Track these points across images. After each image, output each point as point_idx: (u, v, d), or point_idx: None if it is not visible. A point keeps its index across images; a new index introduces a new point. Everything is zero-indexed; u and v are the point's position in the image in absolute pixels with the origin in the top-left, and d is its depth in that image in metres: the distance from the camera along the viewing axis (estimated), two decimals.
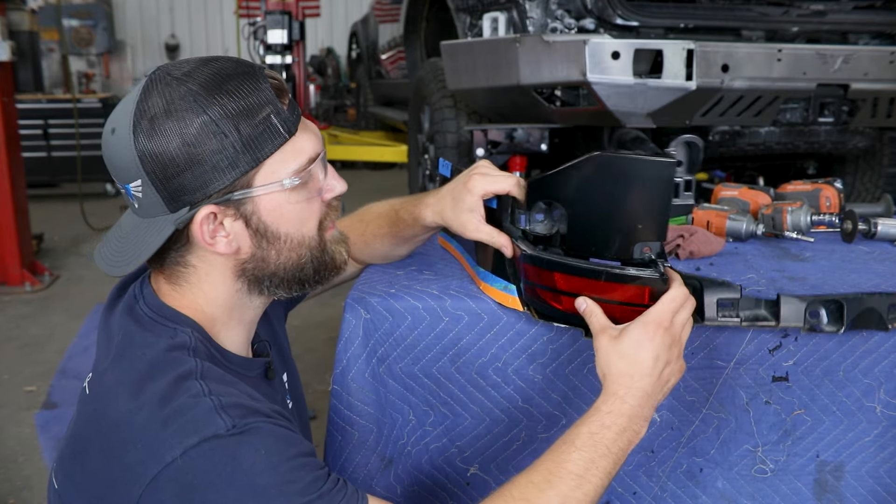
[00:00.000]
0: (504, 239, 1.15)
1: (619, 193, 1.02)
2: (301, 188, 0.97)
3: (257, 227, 0.97)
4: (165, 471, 0.83)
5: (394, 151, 6.53)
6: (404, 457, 1.26)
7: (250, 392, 0.94)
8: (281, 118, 0.94)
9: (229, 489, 0.83)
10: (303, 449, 0.89)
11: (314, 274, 1.04)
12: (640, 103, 2.57)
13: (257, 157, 0.93)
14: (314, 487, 0.86)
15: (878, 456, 1.26)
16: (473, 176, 1.17)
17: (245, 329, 1.07)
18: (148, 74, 0.94)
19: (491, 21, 2.96)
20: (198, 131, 0.90)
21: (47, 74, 9.00)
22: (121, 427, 0.87)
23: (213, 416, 0.85)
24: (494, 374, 1.22)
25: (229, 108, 0.91)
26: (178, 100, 0.90)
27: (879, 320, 1.16)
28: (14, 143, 4.83)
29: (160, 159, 0.90)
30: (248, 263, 0.99)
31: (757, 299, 1.17)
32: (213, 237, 0.95)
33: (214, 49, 12.10)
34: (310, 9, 5.95)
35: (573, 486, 0.92)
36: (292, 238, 0.99)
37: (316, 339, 3.84)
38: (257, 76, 0.94)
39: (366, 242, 1.34)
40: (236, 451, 0.84)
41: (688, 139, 1.09)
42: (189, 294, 1.00)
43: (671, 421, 1.24)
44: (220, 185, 0.92)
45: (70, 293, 4.80)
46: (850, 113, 2.86)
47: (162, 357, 0.92)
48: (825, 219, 1.67)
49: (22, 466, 2.74)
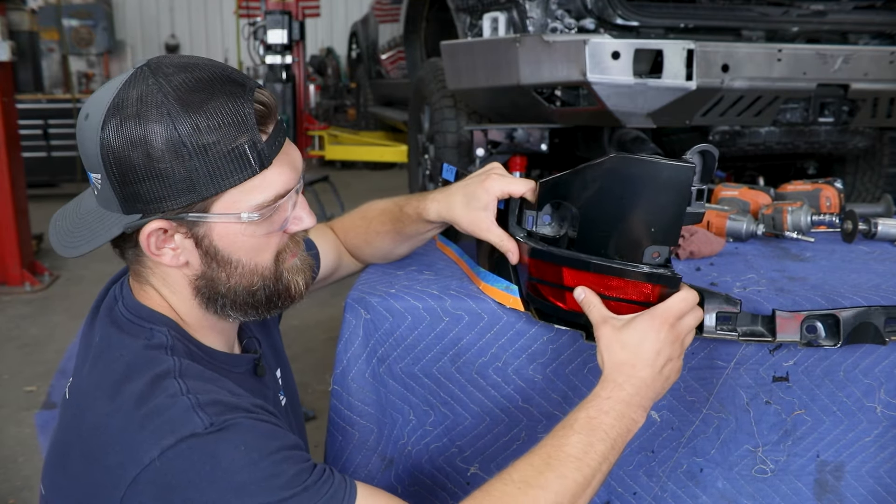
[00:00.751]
0: (511, 244, 1.14)
1: (635, 196, 1.01)
2: (262, 222, 0.94)
3: (207, 249, 0.94)
4: (144, 472, 0.82)
5: (394, 151, 6.55)
6: (405, 457, 1.26)
7: (231, 388, 0.93)
8: (256, 150, 0.89)
9: (210, 488, 0.82)
10: (286, 442, 0.88)
11: (266, 301, 1.00)
12: (641, 103, 2.57)
13: (219, 186, 0.89)
14: (298, 481, 0.85)
15: (879, 456, 1.26)
16: (492, 175, 1.16)
17: (222, 333, 1.05)
18: (137, 66, 0.92)
19: (491, 21, 2.96)
20: (164, 147, 0.86)
21: (47, 74, 9.00)
22: (100, 430, 0.87)
23: (191, 415, 0.84)
24: (495, 374, 1.22)
25: (202, 127, 0.86)
26: (153, 107, 0.86)
27: (876, 334, 1.16)
28: (14, 143, 4.83)
29: (121, 163, 0.88)
30: (199, 280, 0.97)
31: (754, 315, 1.16)
32: (159, 248, 0.93)
33: (214, 49, 12.11)
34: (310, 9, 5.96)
35: (572, 468, 0.92)
36: (244, 265, 0.96)
37: (316, 339, 3.84)
38: (244, 98, 0.89)
39: (367, 241, 1.33)
40: (215, 449, 0.83)
41: (703, 148, 1.08)
42: (156, 294, 0.99)
43: (671, 421, 1.24)
44: (175, 204, 0.89)
45: (70, 293, 4.80)
46: (850, 113, 2.86)
47: (139, 358, 0.91)
48: (825, 219, 1.67)
49: (22, 466, 2.74)
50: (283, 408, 1.17)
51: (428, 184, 3.68)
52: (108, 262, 0.98)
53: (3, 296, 4.72)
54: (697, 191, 1.07)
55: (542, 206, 1.12)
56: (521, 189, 1.14)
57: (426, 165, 3.71)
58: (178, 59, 0.93)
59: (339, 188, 5.70)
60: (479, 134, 3.03)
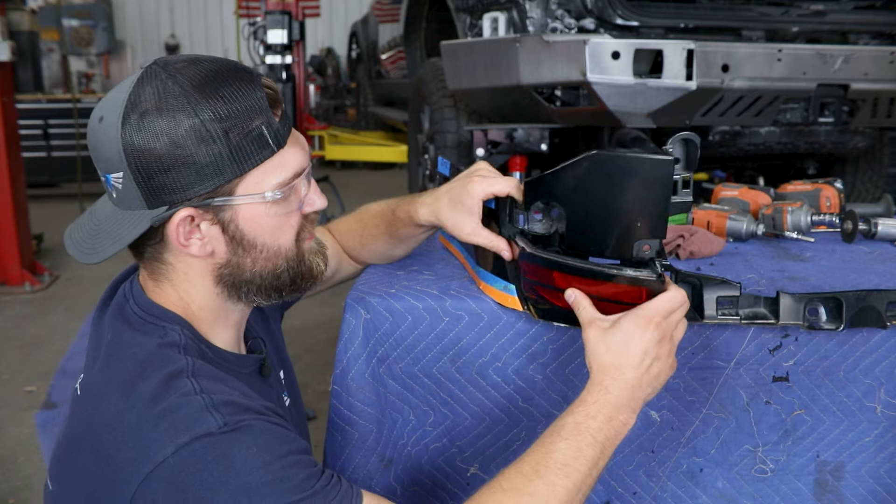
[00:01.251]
0: (502, 242, 1.15)
1: (617, 192, 1.02)
2: (282, 201, 0.97)
3: (234, 234, 0.96)
4: (158, 470, 0.83)
5: (394, 151, 6.55)
6: (404, 457, 1.26)
7: (242, 389, 0.94)
8: (272, 130, 0.93)
9: (222, 488, 0.83)
10: (296, 446, 0.89)
11: (290, 283, 1.03)
12: (640, 103, 2.57)
13: (243, 167, 0.92)
14: (308, 485, 0.85)
15: (879, 456, 1.26)
16: (474, 178, 1.17)
17: (234, 328, 1.06)
18: (144, 66, 0.94)
19: (491, 21, 2.96)
20: (187, 133, 0.89)
21: (47, 74, 8.99)
22: (112, 427, 0.87)
23: (205, 415, 0.85)
24: (494, 374, 1.22)
25: (221, 113, 0.89)
26: (171, 98, 0.89)
27: (878, 318, 1.16)
28: (14, 143, 4.83)
29: (145, 156, 0.89)
30: (224, 269, 0.99)
31: (756, 297, 1.17)
32: (187, 239, 0.95)
33: (214, 49, 12.11)
34: (310, 9, 5.96)
35: (560, 474, 0.92)
36: (268, 248, 0.99)
37: (316, 339, 3.84)
38: (254, 83, 0.93)
39: (363, 244, 1.34)
40: (228, 450, 0.84)
41: (685, 136, 1.08)
42: (173, 292, 1.00)
43: (671, 421, 1.24)
44: (201, 189, 0.91)
45: (70, 293, 4.80)
46: (850, 113, 2.86)
47: (152, 356, 0.91)
48: (825, 219, 1.67)
49: (22, 466, 2.74)
50: (287, 409, 1.17)
51: (428, 184, 3.68)
52: (108, 261, 0.98)
53: (3, 296, 4.72)
54: (683, 180, 1.07)
55: (528, 205, 1.12)
56: (505, 189, 1.14)
57: (426, 165, 3.71)
58: (185, 56, 0.95)
59: (339, 188, 5.70)
60: (479, 134, 3.03)
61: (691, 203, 1.08)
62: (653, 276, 1.02)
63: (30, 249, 5.07)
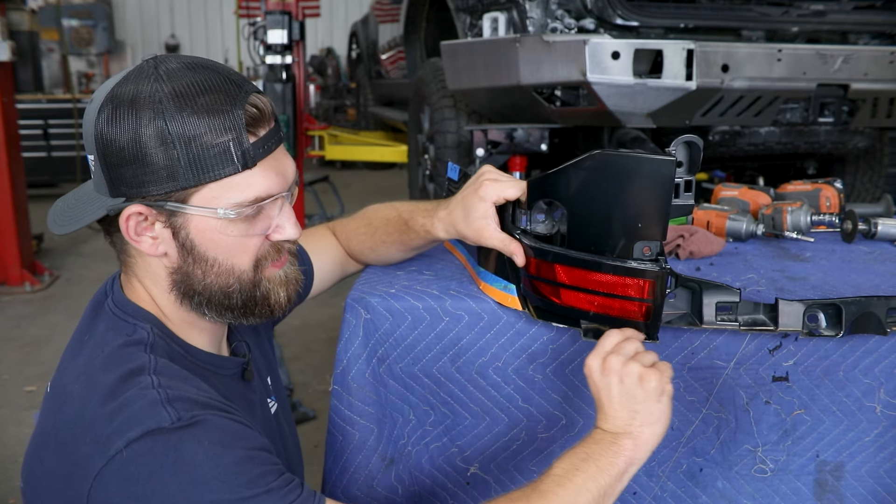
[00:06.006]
0: (516, 247, 1.14)
1: (619, 192, 1.02)
2: (240, 221, 0.95)
3: (184, 242, 0.96)
4: (110, 464, 0.84)
5: (394, 151, 6.53)
6: (405, 457, 1.26)
7: (206, 389, 0.93)
8: (240, 149, 0.91)
9: (170, 480, 0.83)
10: (254, 443, 0.89)
11: (242, 306, 1.00)
12: (640, 103, 2.57)
13: (199, 179, 0.91)
14: (262, 482, 0.85)
15: (878, 456, 1.26)
16: (484, 183, 1.16)
17: (206, 331, 1.05)
18: (145, 59, 0.95)
19: (491, 21, 2.96)
20: (151, 134, 0.89)
21: (47, 74, 9.00)
22: (73, 422, 0.88)
23: (159, 409, 0.85)
24: (494, 374, 1.22)
25: (189, 122, 0.89)
26: (145, 97, 0.90)
27: (878, 324, 1.16)
28: (14, 143, 4.83)
29: (110, 146, 0.91)
30: (176, 275, 0.98)
31: (755, 303, 1.16)
32: (138, 234, 0.95)
33: (214, 49, 12.12)
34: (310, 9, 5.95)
35: None
36: (220, 265, 0.97)
37: (316, 339, 3.85)
38: (236, 101, 0.92)
39: (372, 248, 1.33)
40: (179, 443, 0.84)
41: (687, 139, 1.08)
42: (141, 288, 1.01)
43: (671, 421, 1.24)
44: (156, 190, 0.92)
45: (70, 293, 4.81)
46: (850, 113, 2.86)
47: (116, 353, 0.92)
48: (825, 219, 1.67)
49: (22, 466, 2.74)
50: (274, 414, 1.17)
51: (428, 184, 3.68)
52: (108, 261, 0.99)
53: (3, 296, 4.72)
54: (685, 182, 1.07)
55: (531, 205, 1.13)
56: (516, 193, 1.14)
57: (426, 165, 3.71)
58: (185, 58, 0.95)
59: (339, 188, 5.70)
60: (479, 134, 3.03)
61: (692, 206, 1.08)
62: (655, 267, 1.02)
63: (30, 249, 5.07)
